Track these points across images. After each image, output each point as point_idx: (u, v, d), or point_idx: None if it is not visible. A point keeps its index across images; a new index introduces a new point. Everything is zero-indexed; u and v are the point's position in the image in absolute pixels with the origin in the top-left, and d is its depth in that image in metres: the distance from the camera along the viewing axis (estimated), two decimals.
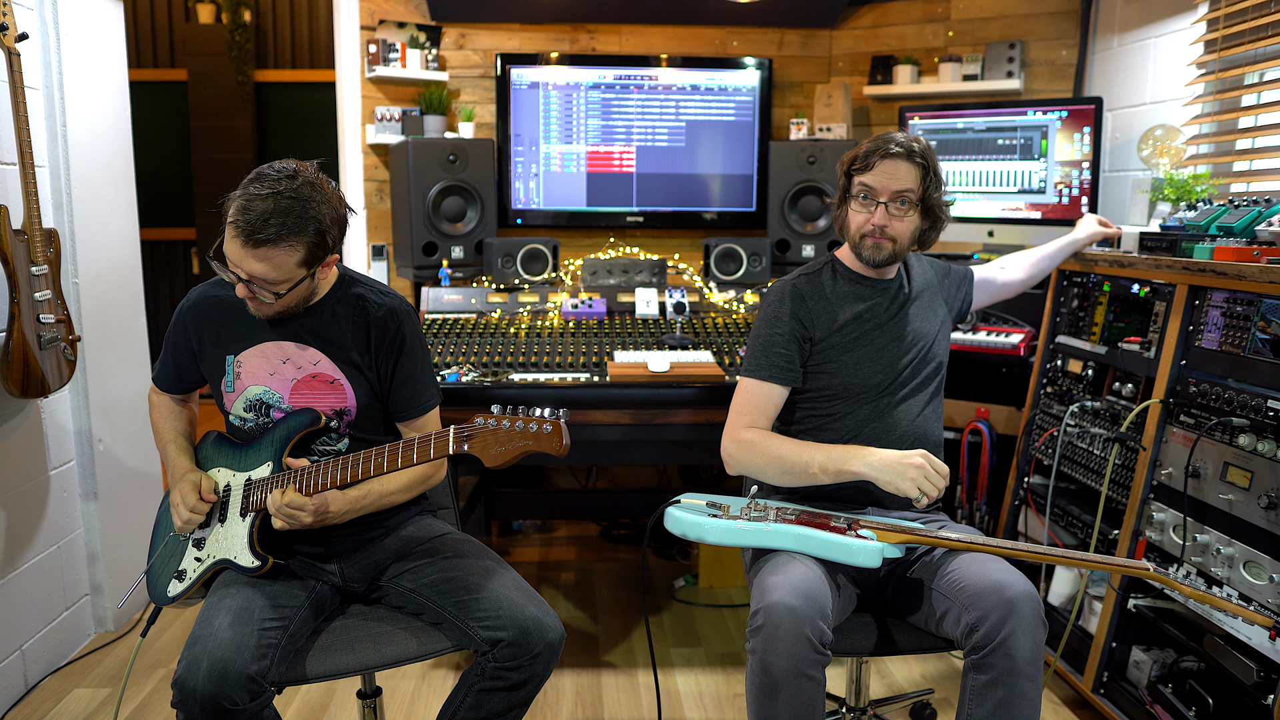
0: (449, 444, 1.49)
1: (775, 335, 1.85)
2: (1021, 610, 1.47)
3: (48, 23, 2.46)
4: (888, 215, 1.82)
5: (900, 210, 1.82)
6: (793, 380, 1.85)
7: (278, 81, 5.66)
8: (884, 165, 1.82)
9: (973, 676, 1.49)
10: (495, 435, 1.47)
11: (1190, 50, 2.68)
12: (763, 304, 1.91)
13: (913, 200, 1.82)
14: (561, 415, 1.47)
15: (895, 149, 1.81)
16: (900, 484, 1.64)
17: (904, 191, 1.81)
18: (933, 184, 1.84)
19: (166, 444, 1.82)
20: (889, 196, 1.82)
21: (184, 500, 1.68)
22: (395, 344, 1.74)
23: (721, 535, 1.64)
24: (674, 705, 2.41)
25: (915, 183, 1.82)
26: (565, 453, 1.46)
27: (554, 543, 3.58)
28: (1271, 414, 1.77)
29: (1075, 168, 2.88)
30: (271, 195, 1.53)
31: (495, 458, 1.47)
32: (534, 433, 1.46)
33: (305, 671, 1.59)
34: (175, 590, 1.72)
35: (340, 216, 1.63)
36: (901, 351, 1.87)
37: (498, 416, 1.48)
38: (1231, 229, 2.09)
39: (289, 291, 1.61)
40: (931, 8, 3.45)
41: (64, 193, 2.53)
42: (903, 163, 1.82)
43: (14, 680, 2.37)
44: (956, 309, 2.06)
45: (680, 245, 3.58)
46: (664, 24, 3.54)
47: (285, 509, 1.58)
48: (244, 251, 1.54)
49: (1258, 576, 1.78)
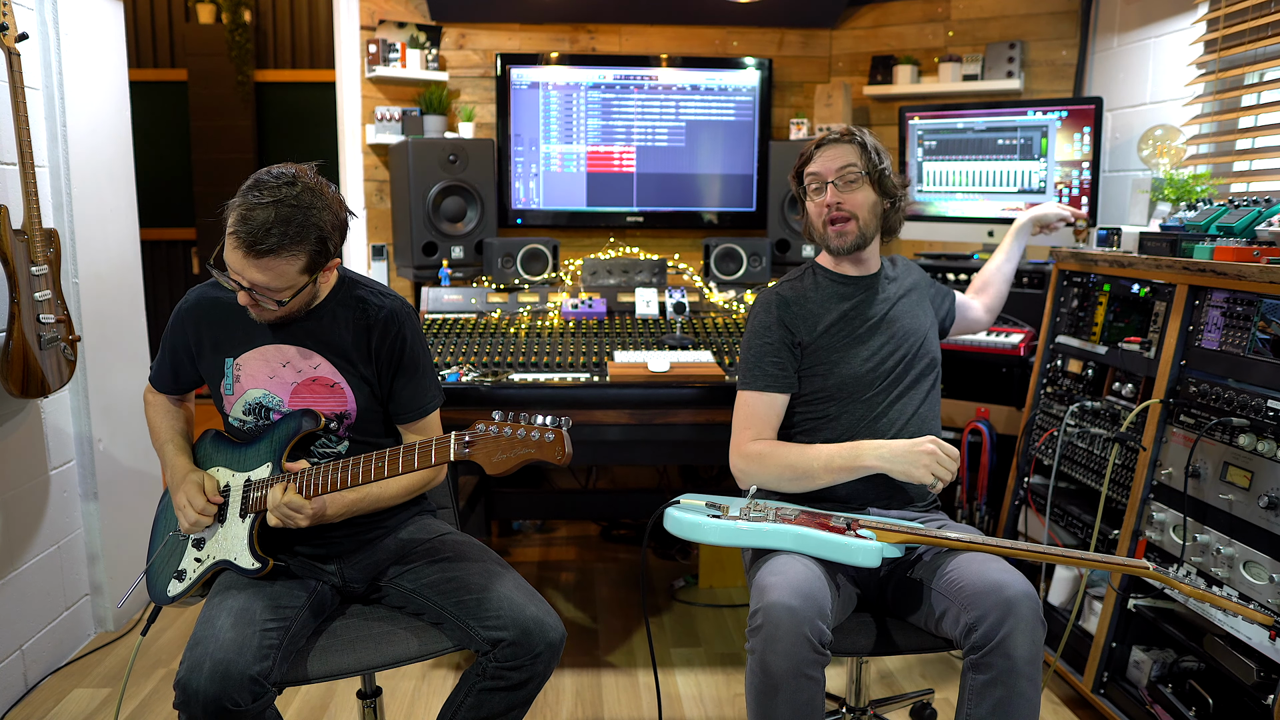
0: (450, 451, 1.49)
1: (766, 345, 1.87)
2: (1020, 610, 1.47)
3: (48, 23, 2.46)
4: (838, 192, 1.86)
5: (849, 186, 1.87)
6: (789, 387, 1.86)
7: (278, 81, 5.66)
8: (823, 151, 1.90)
9: (971, 676, 1.49)
10: (496, 443, 1.46)
11: (1190, 50, 2.68)
12: (750, 317, 1.94)
13: (858, 173, 1.86)
14: (564, 424, 1.46)
15: (831, 136, 1.90)
16: (914, 471, 1.66)
17: (847, 168, 1.86)
18: (877, 159, 1.89)
19: (164, 443, 1.81)
20: (834, 175, 1.87)
21: (191, 502, 1.68)
22: (396, 347, 1.74)
23: (721, 535, 1.64)
24: (674, 705, 2.41)
25: (857, 158, 1.87)
26: (567, 461, 1.45)
27: (554, 543, 3.58)
28: (1271, 414, 1.77)
29: (1075, 168, 2.88)
30: (272, 204, 1.52)
31: (496, 465, 1.46)
32: (536, 441, 1.45)
33: (306, 672, 1.59)
34: (175, 590, 1.72)
35: (341, 221, 1.63)
36: (892, 348, 1.88)
37: (499, 424, 1.47)
38: (1231, 229, 2.09)
39: (292, 299, 1.61)
40: (931, 8, 3.45)
41: (64, 193, 2.53)
42: (841, 145, 1.89)
43: (14, 680, 2.37)
44: (940, 319, 2.07)
45: (680, 245, 3.59)
46: (664, 24, 3.54)
47: (283, 508, 1.58)
48: (246, 261, 1.54)
49: (1258, 576, 1.78)
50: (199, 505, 1.67)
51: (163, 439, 1.82)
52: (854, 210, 1.86)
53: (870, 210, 1.88)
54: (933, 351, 1.95)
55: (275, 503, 1.58)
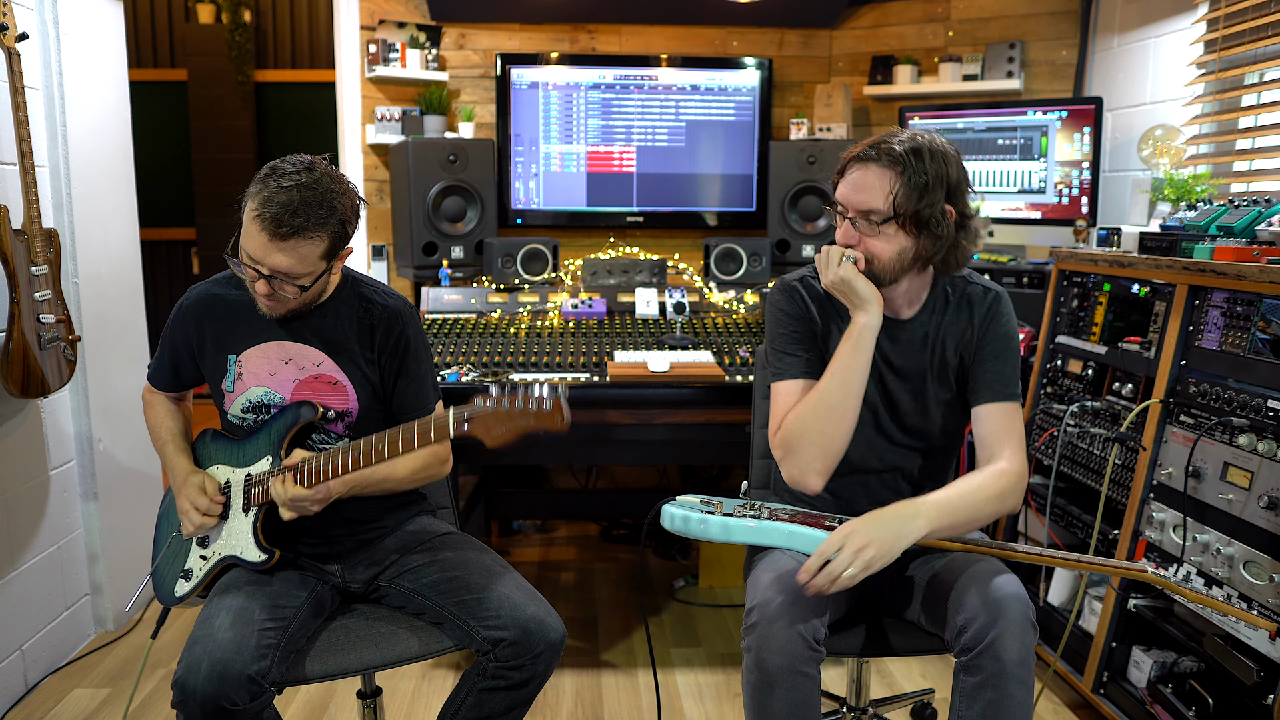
0: (449, 426, 1.48)
1: (793, 333, 1.70)
2: (1009, 612, 1.44)
3: (48, 23, 2.46)
4: (855, 232, 1.59)
5: (870, 228, 1.57)
6: (820, 372, 1.65)
7: (278, 81, 5.66)
8: (853, 172, 1.59)
9: (962, 678, 1.47)
10: (495, 415, 1.46)
11: (1190, 50, 2.68)
12: (769, 305, 1.76)
13: (883, 217, 1.55)
14: (560, 392, 1.46)
15: (867, 152, 1.57)
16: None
17: (869, 211, 1.56)
18: (916, 192, 1.54)
19: (164, 444, 1.82)
20: (854, 213, 1.58)
21: (195, 505, 1.68)
22: (399, 346, 1.74)
23: (714, 531, 1.65)
24: (674, 705, 2.41)
25: (885, 194, 1.54)
26: (566, 428, 1.44)
27: (554, 543, 3.58)
28: (1271, 414, 1.77)
29: (1075, 168, 2.88)
30: (295, 187, 1.53)
31: (496, 438, 1.45)
32: (534, 411, 1.44)
33: (306, 672, 1.59)
34: (183, 590, 1.73)
35: (356, 207, 1.64)
36: (884, 408, 1.70)
37: (496, 396, 1.47)
38: (1231, 229, 2.09)
39: (311, 285, 1.61)
40: (931, 8, 3.45)
41: (64, 193, 2.53)
42: (873, 168, 1.56)
43: (14, 680, 2.37)
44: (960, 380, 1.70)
45: (680, 245, 3.58)
46: (664, 24, 3.54)
47: (292, 502, 1.58)
48: (270, 245, 1.54)
49: (1258, 576, 1.78)
50: (203, 507, 1.68)
51: (163, 439, 1.82)
52: (871, 253, 1.59)
53: (895, 257, 1.58)
54: (932, 432, 1.70)
55: (282, 497, 1.59)
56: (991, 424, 1.62)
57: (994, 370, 1.63)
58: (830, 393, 1.59)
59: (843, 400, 1.59)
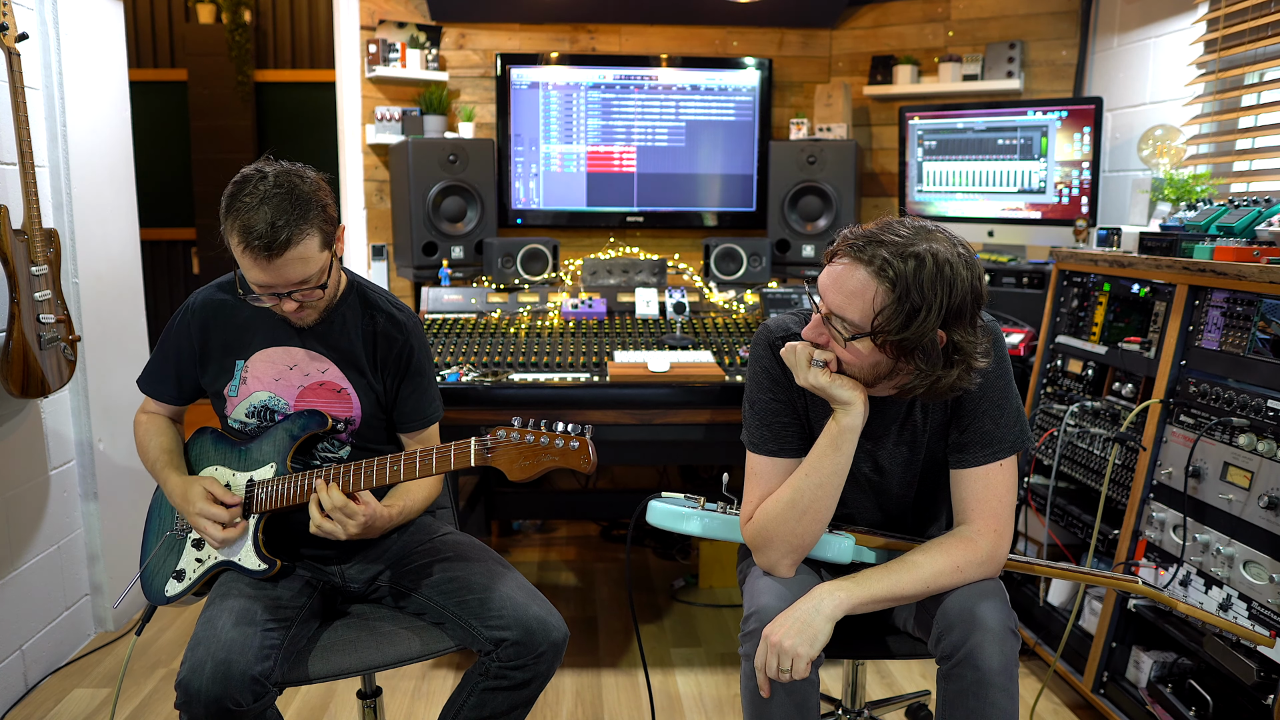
0: (470, 456, 1.50)
1: (773, 401, 1.58)
2: (986, 622, 1.42)
3: (48, 23, 2.46)
4: (822, 331, 1.41)
5: (840, 336, 1.38)
6: (800, 450, 1.56)
7: (278, 81, 5.65)
8: (840, 264, 1.38)
9: (944, 686, 1.46)
10: (519, 450, 1.47)
11: (1190, 50, 2.68)
12: (751, 355, 1.62)
13: (854, 334, 1.36)
14: (587, 431, 1.47)
15: (860, 250, 1.33)
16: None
17: (842, 320, 1.36)
18: (904, 318, 1.31)
19: (153, 462, 1.76)
20: (826, 312, 1.39)
21: (210, 516, 1.64)
22: (404, 357, 1.75)
23: (699, 526, 1.66)
24: (674, 705, 2.41)
25: (866, 308, 1.33)
26: (593, 470, 1.45)
27: (554, 543, 3.58)
28: (1271, 414, 1.77)
29: (1075, 168, 2.88)
30: (262, 202, 1.51)
31: (520, 472, 1.47)
32: (560, 449, 1.45)
33: (308, 672, 1.59)
34: (174, 590, 1.72)
35: (323, 184, 1.62)
36: (877, 481, 1.64)
37: (520, 430, 1.47)
38: (1231, 229, 2.09)
39: (327, 278, 1.61)
40: (931, 8, 3.45)
41: (64, 193, 2.53)
42: (861, 272, 1.33)
43: (14, 680, 2.37)
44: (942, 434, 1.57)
45: (680, 245, 3.59)
46: (664, 24, 3.54)
47: (339, 512, 1.54)
48: (271, 265, 1.52)
49: (1258, 576, 1.78)
50: (223, 517, 1.64)
51: (152, 458, 1.77)
52: (841, 359, 1.42)
53: (868, 370, 1.42)
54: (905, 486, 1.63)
55: (330, 505, 1.55)
56: (965, 488, 1.52)
57: (974, 431, 1.51)
58: (804, 494, 1.49)
59: (815, 503, 1.49)
